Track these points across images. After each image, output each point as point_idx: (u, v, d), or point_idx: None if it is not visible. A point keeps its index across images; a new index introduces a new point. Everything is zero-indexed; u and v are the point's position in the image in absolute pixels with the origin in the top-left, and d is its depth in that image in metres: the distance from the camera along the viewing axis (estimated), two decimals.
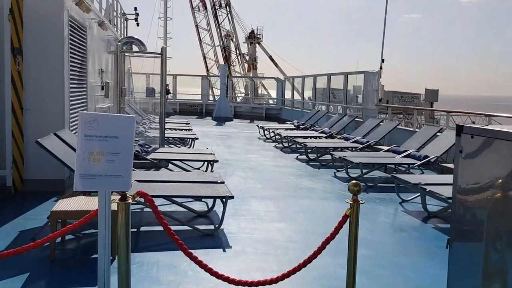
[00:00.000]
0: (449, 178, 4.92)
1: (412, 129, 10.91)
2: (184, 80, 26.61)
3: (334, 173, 8.70)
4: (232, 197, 4.78)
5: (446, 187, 5.43)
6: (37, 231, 4.44)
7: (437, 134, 8.73)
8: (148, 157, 7.30)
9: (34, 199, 5.71)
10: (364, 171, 7.77)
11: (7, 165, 5.73)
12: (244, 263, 4.01)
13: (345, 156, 8.12)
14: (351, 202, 2.93)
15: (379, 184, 7.64)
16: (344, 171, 8.37)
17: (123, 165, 2.08)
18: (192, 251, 3.04)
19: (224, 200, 4.76)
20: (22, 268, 3.68)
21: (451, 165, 7.63)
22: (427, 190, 5.58)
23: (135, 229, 4.76)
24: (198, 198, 5.50)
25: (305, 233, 4.91)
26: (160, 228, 4.59)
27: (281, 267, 3.88)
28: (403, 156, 8.35)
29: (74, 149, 5.26)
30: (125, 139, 2.06)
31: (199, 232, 4.74)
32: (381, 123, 10.87)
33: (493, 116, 10.45)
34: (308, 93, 22.86)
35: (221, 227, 4.84)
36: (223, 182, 5.50)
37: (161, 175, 6.11)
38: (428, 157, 7.83)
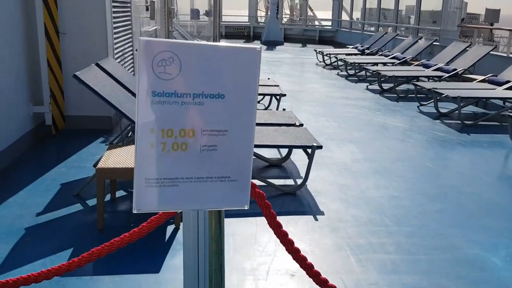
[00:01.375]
0: None
1: (505, 54, 9.23)
2: (229, 1, 24.92)
3: (418, 107, 7.42)
4: (320, 147, 3.73)
5: None
6: (81, 185, 3.60)
7: None
8: None
9: (78, 140, 4.88)
10: (462, 103, 6.45)
11: (45, 101, 4.87)
12: (347, 239, 3.01)
13: (436, 88, 6.77)
14: None
15: (481, 123, 6.33)
16: (430, 105, 7.08)
17: (238, 155, 0.92)
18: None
19: (310, 150, 3.71)
20: (62, 241, 2.86)
21: None
22: None
23: None
24: (278, 147, 4.47)
25: (413, 192, 3.83)
26: None
27: (398, 246, 2.87)
28: (505, 89, 6.90)
29: (121, 83, 4.28)
30: (241, 99, 0.90)
31: (276, 189, 3.77)
32: (468, 48, 9.24)
33: None
34: (356, 14, 20.80)
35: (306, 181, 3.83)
36: (302, 125, 4.43)
37: None
38: None
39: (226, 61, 0.84)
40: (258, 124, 4.42)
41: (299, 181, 3.93)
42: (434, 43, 11.22)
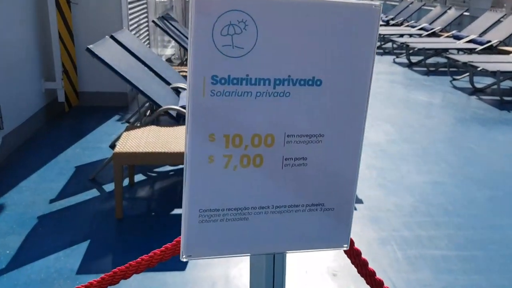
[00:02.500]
0: None
1: None
2: None
3: (451, 81, 6.97)
4: None
5: None
6: (98, 168, 3.33)
7: None
8: None
9: (92, 118, 4.60)
10: (500, 78, 6.00)
11: (57, 76, 4.57)
12: (392, 232, 2.70)
13: (471, 61, 6.30)
14: None
15: None
16: (464, 79, 6.63)
17: (338, 172, 0.58)
18: None
19: None
20: (77, 233, 2.60)
21: None
22: None
23: None
24: None
25: (459, 177, 3.48)
26: None
27: (449, 240, 2.55)
28: None
29: (137, 58, 3.95)
30: (346, 86, 0.54)
31: None
32: (502, 19, 8.65)
33: None
34: None
35: None
36: None
37: None
38: None
39: (326, 26, 0.51)
40: None
41: None
42: (464, 13, 10.59)
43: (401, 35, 10.08)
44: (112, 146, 3.79)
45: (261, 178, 0.54)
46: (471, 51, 8.06)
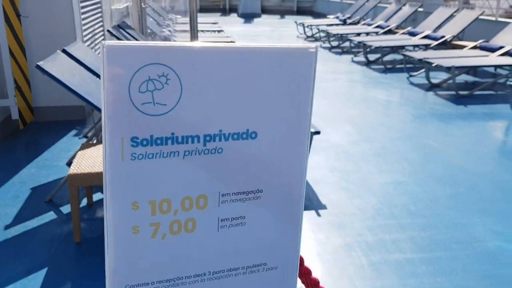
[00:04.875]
0: None
1: (493, 18, 8.94)
2: None
3: (407, 78, 7.12)
4: (318, 132, 3.39)
5: None
6: (54, 189, 3.20)
7: None
8: None
9: (49, 134, 4.44)
10: (455, 73, 6.18)
11: (9, 93, 4.39)
12: (357, 237, 2.71)
13: (427, 58, 6.46)
14: None
15: (476, 93, 6.07)
16: (420, 75, 6.79)
17: (279, 227, 0.54)
18: None
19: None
20: (35, 260, 2.48)
21: None
22: None
23: None
24: None
25: (420, 176, 3.54)
26: None
27: (413, 243, 2.58)
28: (499, 55, 6.63)
29: (91, 71, 3.83)
30: (284, 136, 0.50)
31: None
32: (455, 13, 8.92)
33: None
34: None
35: None
36: None
37: None
38: None
39: (258, 74, 0.47)
40: None
41: None
42: (418, 9, 10.86)
43: (358, 34, 10.25)
44: (69, 163, 3.66)
45: (195, 243, 0.50)
46: (426, 47, 8.27)
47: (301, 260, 0.76)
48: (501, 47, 6.70)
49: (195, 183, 0.48)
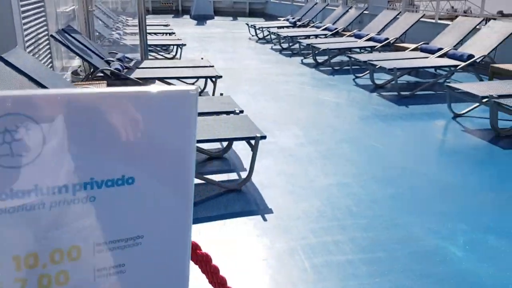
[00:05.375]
0: None
1: (434, 21, 9.35)
2: None
3: (354, 79, 7.33)
4: (264, 137, 3.45)
5: None
6: None
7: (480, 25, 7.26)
8: (132, 75, 5.75)
9: None
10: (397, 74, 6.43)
11: None
12: (301, 241, 2.78)
13: (370, 60, 6.69)
14: None
15: (417, 93, 6.34)
16: (366, 76, 7.00)
17: (165, 272, 0.53)
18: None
19: (254, 142, 3.42)
20: None
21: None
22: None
23: None
24: (219, 141, 4.09)
25: (363, 177, 3.67)
26: None
27: (354, 244, 2.68)
28: (438, 57, 6.95)
29: (34, 80, 3.72)
30: (164, 179, 0.50)
31: (218, 187, 3.45)
32: (398, 16, 9.26)
33: None
34: None
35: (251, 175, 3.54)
36: (242, 111, 4.12)
37: None
38: (473, 56, 6.45)
39: (134, 117, 0.46)
40: None
41: (243, 174, 3.64)
42: (364, 12, 11.19)
43: (308, 36, 10.44)
44: None
45: None
46: (372, 48, 8.54)
47: (196, 245, 0.72)
48: (439, 49, 7.02)
49: (65, 234, 0.47)
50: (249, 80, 7.42)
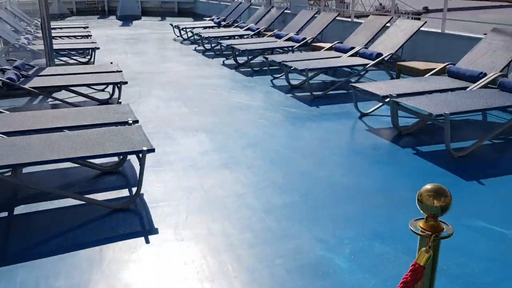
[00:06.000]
0: None
1: (350, 20, 9.52)
2: None
3: (271, 80, 7.29)
4: (152, 150, 3.24)
5: None
6: None
7: (387, 24, 7.43)
8: (27, 85, 5.33)
9: None
10: (310, 74, 6.44)
11: None
12: (183, 266, 2.61)
13: (284, 61, 6.65)
14: (428, 233, 1.49)
15: (329, 93, 6.36)
16: (283, 77, 6.97)
17: None
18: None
19: (140, 155, 3.21)
20: None
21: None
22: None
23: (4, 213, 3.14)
24: (98, 157, 3.79)
25: (261, 186, 3.56)
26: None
27: (240, 263, 2.55)
28: (350, 56, 7.03)
29: None
30: None
31: (103, 207, 3.21)
32: (316, 15, 9.34)
33: None
34: None
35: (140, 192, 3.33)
36: (136, 121, 3.89)
37: (40, 118, 4.13)
38: (381, 55, 6.57)
39: None
40: (83, 127, 3.79)
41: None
42: (287, 11, 11.23)
43: (231, 37, 10.31)
44: None
45: None
46: (291, 48, 8.54)
47: None
48: (352, 48, 7.11)
49: None
50: (164, 84, 7.16)
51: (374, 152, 4.25)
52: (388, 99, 4.58)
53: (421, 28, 6.93)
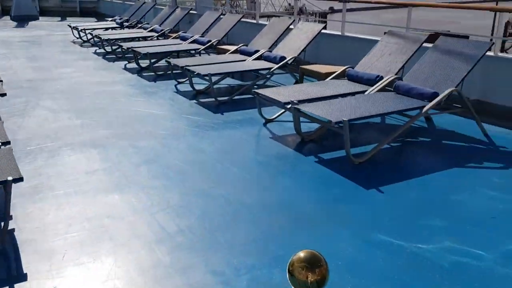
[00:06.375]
0: None
1: (255, 21, 9.41)
2: None
3: (175, 86, 6.95)
4: (20, 180, 2.79)
5: None
6: None
7: (291, 27, 7.38)
8: None
9: None
10: (215, 79, 6.19)
11: None
12: None
13: (188, 66, 6.34)
14: None
15: (236, 98, 6.15)
16: (188, 82, 6.64)
17: None
18: None
19: (6, 187, 2.75)
20: None
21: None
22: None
23: None
24: None
25: (156, 209, 3.24)
26: None
27: None
28: (254, 59, 6.88)
29: None
30: None
31: None
32: (222, 16, 9.11)
33: None
34: None
35: (9, 227, 2.85)
36: (7, 143, 3.38)
37: None
38: (285, 58, 6.49)
39: None
40: None
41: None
42: (193, 12, 10.89)
43: (134, 38, 9.76)
44: None
45: None
46: (196, 51, 8.23)
47: None
48: (256, 51, 6.97)
49: None
50: (56, 93, 6.53)
51: (278, 162, 4.10)
52: (289, 106, 4.45)
53: (323, 31, 6.97)
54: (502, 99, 5.29)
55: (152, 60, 7.89)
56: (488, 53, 4.91)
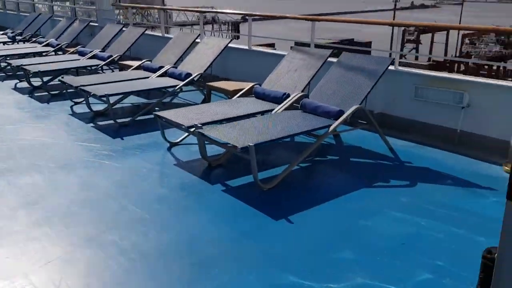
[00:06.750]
0: None
1: (161, 34, 8.97)
2: None
3: (71, 107, 6.33)
4: None
5: None
6: None
7: (195, 41, 7.06)
8: None
9: None
10: (114, 100, 5.70)
11: None
12: None
13: (83, 85, 5.78)
14: None
15: (139, 118, 5.69)
16: (85, 103, 6.06)
17: None
18: None
19: None
20: None
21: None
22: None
23: None
24: None
25: (33, 268, 2.74)
26: None
27: None
28: (158, 76, 6.47)
29: None
30: None
31: None
32: (124, 29, 8.56)
33: None
34: None
35: None
36: None
37: None
38: (191, 75, 6.16)
39: None
40: None
41: None
42: (93, 24, 10.18)
43: (26, 54, 8.87)
44: None
45: None
46: (97, 67, 7.62)
47: None
48: (160, 67, 6.57)
49: None
50: None
51: (181, 194, 3.75)
52: (193, 129, 4.13)
53: (230, 45, 6.73)
54: (401, 112, 5.35)
55: (46, 79, 7.18)
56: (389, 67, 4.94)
